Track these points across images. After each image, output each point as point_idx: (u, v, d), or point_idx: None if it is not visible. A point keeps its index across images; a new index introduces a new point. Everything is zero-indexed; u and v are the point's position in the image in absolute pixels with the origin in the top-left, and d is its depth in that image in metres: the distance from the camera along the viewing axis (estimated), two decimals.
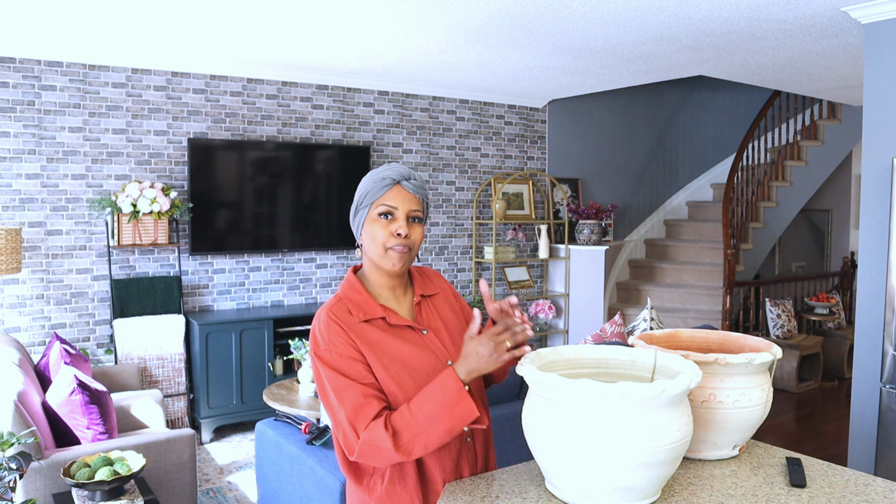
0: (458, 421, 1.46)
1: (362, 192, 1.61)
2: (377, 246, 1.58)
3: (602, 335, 3.64)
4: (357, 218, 1.62)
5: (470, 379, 1.48)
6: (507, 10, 3.65)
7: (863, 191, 3.59)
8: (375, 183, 1.59)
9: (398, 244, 1.57)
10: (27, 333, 4.54)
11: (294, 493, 2.85)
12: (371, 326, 1.58)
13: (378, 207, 1.58)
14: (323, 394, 1.57)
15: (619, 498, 1.43)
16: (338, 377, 1.52)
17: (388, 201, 1.57)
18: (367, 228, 1.59)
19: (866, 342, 3.56)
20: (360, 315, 1.58)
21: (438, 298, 1.73)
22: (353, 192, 1.73)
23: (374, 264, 1.63)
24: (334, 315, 1.56)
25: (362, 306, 1.59)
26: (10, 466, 2.23)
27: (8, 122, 4.42)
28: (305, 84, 5.42)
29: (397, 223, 1.57)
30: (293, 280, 5.48)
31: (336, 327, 1.55)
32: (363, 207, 1.60)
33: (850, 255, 7.42)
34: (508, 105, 6.43)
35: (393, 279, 1.65)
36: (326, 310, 1.58)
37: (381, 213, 1.57)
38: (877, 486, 1.56)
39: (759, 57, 4.66)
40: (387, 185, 1.58)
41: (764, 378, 1.75)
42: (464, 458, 1.67)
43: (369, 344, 1.56)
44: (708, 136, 7.82)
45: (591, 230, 6.34)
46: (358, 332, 1.56)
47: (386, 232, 1.57)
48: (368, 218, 1.59)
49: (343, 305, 1.59)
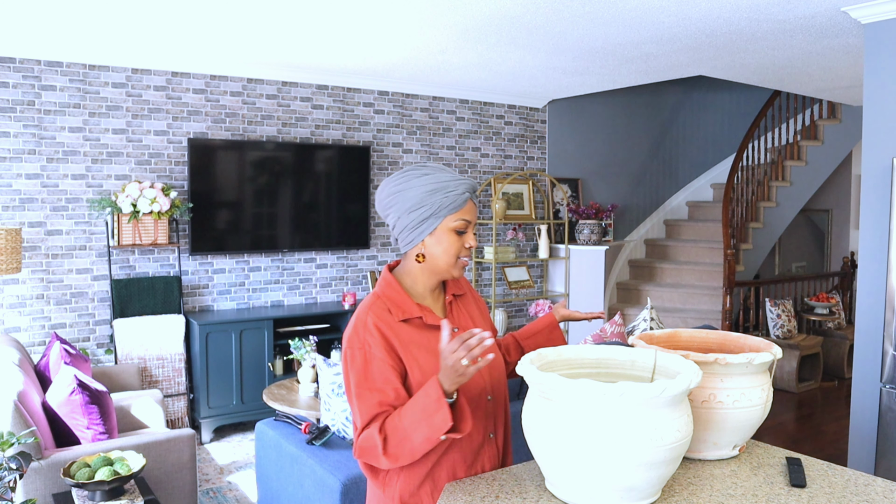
0: (435, 429, 1.47)
1: (439, 201, 1.59)
2: (448, 256, 1.63)
3: (602, 335, 3.64)
4: (425, 225, 1.61)
5: (453, 389, 1.48)
6: (507, 10, 3.65)
7: (863, 191, 3.59)
8: (454, 196, 1.60)
9: (467, 255, 1.67)
10: (27, 333, 4.54)
11: (294, 493, 2.85)
12: (408, 326, 1.63)
13: (456, 222, 1.62)
14: (346, 386, 1.61)
15: (620, 498, 1.43)
16: (362, 377, 1.57)
17: (465, 216, 1.62)
18: (439, 239, 1.62)
19: (866, 342, 3.56)
20: (399, 314, 1.62)
21: (466, 298, 1.80)
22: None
23: (433, 270, 1.67)
24: (375, 315, 1.61)
25: (401, 306, 1.63)
26: (10, 466, 2.23)
27: (8, 122, 4.42)
28: (305, 84, 5.42)
29: (469, 236, 1.65)
30: (293, 280, 5.48)
31: (375, 328, 1.59)
32: (436, 217, 1.60)
33: (850, 255, 7.42)
34: (508, 105, 6.43)
35: (439, 282, 1.71)
36: (367, 308, 1.62)
37: (459, 228, 1.62)
38: (877, 486, 1.56)
39: (759, 57, 4.66)
40: (465, 200, 1.61)
41: (764, 378, 1.75)
42: (486, 453, 1.71)
43: (405, 343, 1.60)
44: (708, 136, 7.82)
45: (591, 230, 6.34)
46: (396, 331, 1.60)
47: (459, 244, 1.63)
48: (442, 228, 1.61)
49: (383, 304, 1.63)
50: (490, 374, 1.73)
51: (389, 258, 5.90)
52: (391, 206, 1.64)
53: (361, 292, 5.76)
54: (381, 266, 5.86)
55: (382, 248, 5.86)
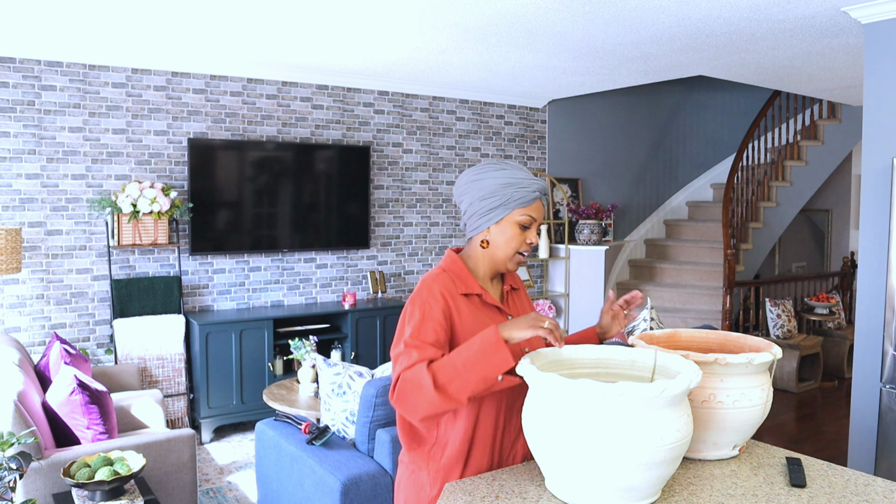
0: (493, 368, 1.53)
1: (510, 194, 1.70)
2: (509, 248, 1.74)
3: None
4: (493, 214, 1.72)
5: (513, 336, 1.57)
6: (507, 10, 3.65)
7: (863, 191, 3.59)
8: (525, 191, 1.71)
9: (526, 251, 1.76)
10: (27, 333, 4.54)
11: (294, 493, 2.85)
12: (468, 301, 1.73)
13: (522, 216, 1.72)
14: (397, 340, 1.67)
15: (620, 498, 1.43)
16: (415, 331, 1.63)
17: (532, 213, 1.73)
18: (503, 228, 1.73)
19: (866, 342, 3.56)
20: (462, 288, 1.72)
21: (520, 294, 1.91)
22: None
23: (492, 259, 1.77)
24: (441, 283, 1.70)
25: (465, 281, 1.74)
26: (10, 466, 2.23)
27: (8, 122, 4.42)
28: (305, 84, 5.42)
29: (532, 232, 1.74)
30: (293, 280, 5.48)
31: (440, 294, 1.68)
32: (507, 207, 1.71)
33: (850, 255, 7.41)
34: (508, 105, 6.43)
35: (496, 272, 1.81)
36: (434, 277, 1.73)
37: (524, 223, 1.73)
38: (877, 486, 1.56)
39: (759, 57, 4.66)
40: (535, 198, 1.72)
41: (764, 378, 1.75)
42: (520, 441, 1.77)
43: (463, 315, 1.69)
44: (708, 136, 7.82)
45: (591, 230, 6.34)
46: (456, 302, 1.70)
47: (521, 239, 1.74)
48: (508, 220, 1.72)
49: (448, 277, 1.73)
50: None
51: (389, 258, 5.90)
52: (466, 193, 1.75)
53: (361, 292, 5.76)
54: (381, 266, 5.86)
55: (382, 248, 5.86)
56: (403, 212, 5.95)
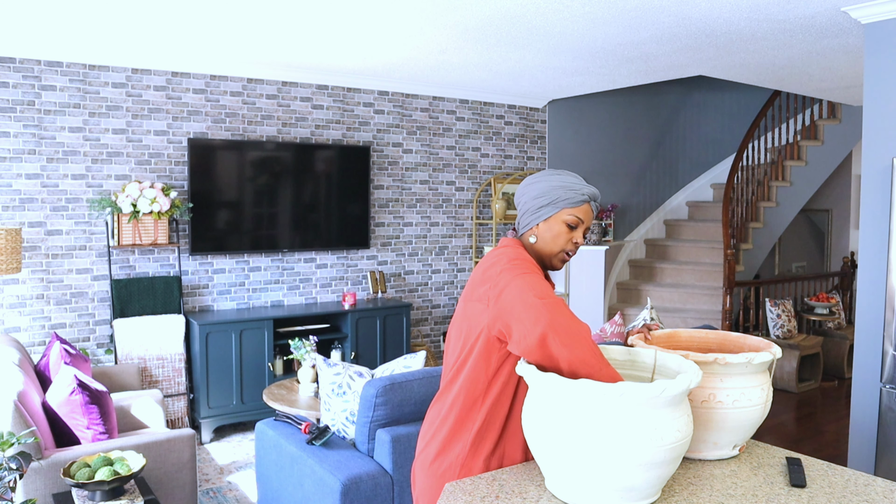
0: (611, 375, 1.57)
1: (561, 194, 1.79)
2: (556, 246, 1.81)
3: (602, 335, 3.64)
4: (543, 211, 1.80)
5: None
6: (507, 10, 3.65)
7: (863, 191, 3.59)
8: (575, 193, 1.79)
9: (572, 251, 1.82)
10: (27, 333, 4.54)
11: (294, 493, 2.85)
12: None
13: (570, 216, 1.79)
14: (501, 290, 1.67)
15: (620, 498, 1.43)
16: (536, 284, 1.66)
17: (580, 214, 1.80)
18: (552, 226, 1.80)
19: (866, 342, 3.56)
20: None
21: None
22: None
23: (539, 254, 1.83)
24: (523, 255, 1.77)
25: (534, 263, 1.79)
26: (10, 466, 2.24)
27: (8, 122, 4.42)
28: (305, 84, 5.42)
29: (578, 234, 1.81)
30: (293, 280, 5.48)
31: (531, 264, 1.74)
32: (554, 206, 1.79)
33: (850, 255, 7.41)
34: (508, 105, 6.43)
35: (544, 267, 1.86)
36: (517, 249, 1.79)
37: (571, 222, 1.79)
38: (877, 486, 1.56)
39: (759, 57, 4.66)
40: (584, 201, 1.80)
41: (763, 378, 1.75)
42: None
43: None
44: (708, 136, 7.82)
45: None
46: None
47: (567, 238, 1.80)
48: (556, 218, 1.79)
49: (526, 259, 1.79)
50: None
51: (389, 258, 5.90)
52: (523, 195, 1.85)
53: (361, 292, 5.76)
54: (381, 266, 5.86)
55: (382, 248, 5.86)
56: (403, 212, 5.95)
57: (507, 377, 1.72)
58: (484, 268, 1.75)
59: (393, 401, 2.76)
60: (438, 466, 1.77)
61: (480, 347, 1.72)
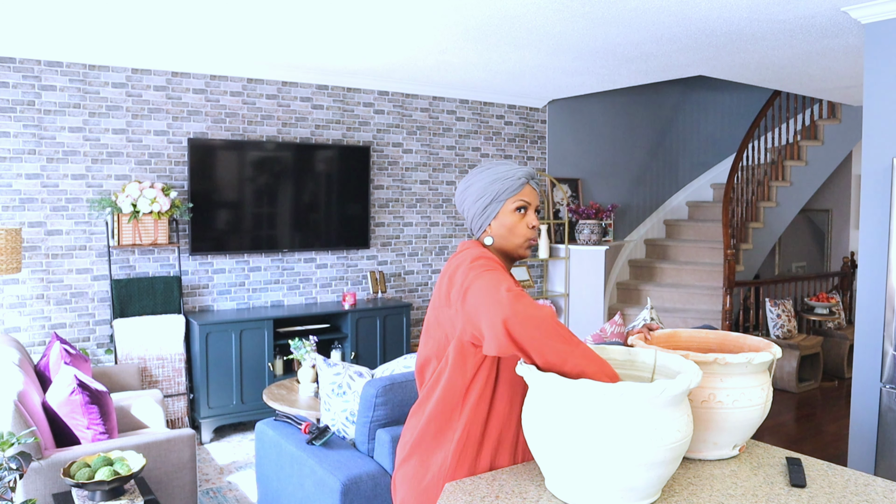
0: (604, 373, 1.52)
1: (498, 188, 1.77)
2: (516, 237, 1.79)
3: (602, 335, 3.64)
4: (489, 210, 1.79)
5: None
6: (507, 10, 3.65)
7: (863, 191, 3.59)
8: (511, 181, 1.78)
9: (531, 235, 1.81)
10: (27, 333, 4.54)
11: (294, 493, 2.85)
12: None
13: (515, 203, 1.78)
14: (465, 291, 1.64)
15: (620, 498, 1.43)
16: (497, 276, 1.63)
17: (524, 197, 1.79)
18: (503, 220, 1.79)
19: (866, 342, 3.56)
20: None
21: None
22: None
23: (502, 251, 1.82)
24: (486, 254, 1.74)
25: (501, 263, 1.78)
26: (10, 466, 2.23)
27: (8, 122, 4.42)
28: (305, 84, 5.42)
29: (531, 217, 1.80)
30: (293, 280, 5.48)
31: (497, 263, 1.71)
32: (497, 202, 1.78)
33: (850, 255, 7.41)
34: (508, 105, 6.43)
35: (512, 261, 1.86)
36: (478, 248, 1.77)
37: (518, 208, 1.78)
38: (877, 486, 1.56)
39: (759, 57, 4.66)
40: (522, 184, 1.78)
41: (763, 378, 1.75)
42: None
43: None
44: (708, 136, 7.82)
45: (591, 230, 6.34)
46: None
47: (523, 224, 1.79)
48: (504, 211, 1.78)
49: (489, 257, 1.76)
50: None
51: (389, 258, 5.90)
52: (464, 201, 1.83)
53: (361, 292, 5.76)
54: (381, 266, 5.86)
55: (382, 248, 5.86)
56: (403, 212, 5.95)
57: (483, 383, 1.70)
58: (449, 273, 1.72)
59: (393, 401, 2.76)
60: (420, 479, 1.74)
61: (455, 355, 1.69)
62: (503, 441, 1.73)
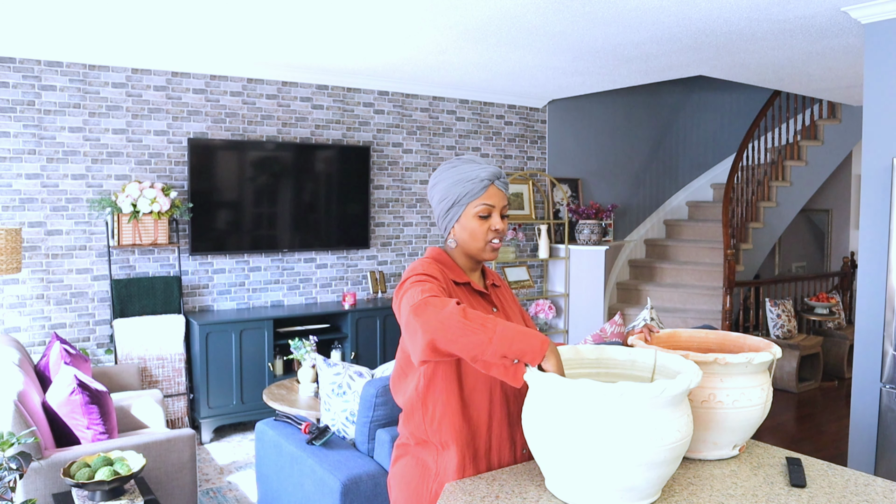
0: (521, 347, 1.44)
1: (459, 191, 1.71)
2: (477, 241, 1.74)
3: (602, 335, 3.64)
4: (451, 214, 1.74)
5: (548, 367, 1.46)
6: (507, 10, 3.65)
7: (863, 191, 3.59)
8: (473, 184, 1.71)
9: (496, 238, 1.74)
10: (27, 333, 4.54)
11: (294, 493, 2.85)
12: (457, 288, 1.75)
13: (477, 207, 1.72)
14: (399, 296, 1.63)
15: (620, 498, 1.43)
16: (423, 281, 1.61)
17: (486, 201, 1.72)
18: (465, 224, 1.74)
19: (866, 342, 3.56)
20: (450, 275, 1.75)
21: (502, 290, 1.92)
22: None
23: (466, 254, 1.78)
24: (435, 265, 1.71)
25: (453, 270, 1.77)
26: (10, 466, 2.24)
27: (8, 122, 4.42)
28: (305, 84, 5.42)
29: (494, 220, 1.73)
30: (293, 280, 5.48)
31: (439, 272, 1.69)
32: (459, 206, 1.73)
33: (850, 255, 7.41)
34: (508, 105, 6.43)
35: (477, 265, 1.83)
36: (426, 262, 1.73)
37: (481, 213, 1.72)
38: (877, 486, 1.56)
39: (759, 57, 4.66)
40: (484, 187, 1.71)
41: (763, 378, 1.75)
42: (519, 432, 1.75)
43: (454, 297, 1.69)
44: (708, 136, 7.82)
45: (591, 230, 6.34)
46: (449, 286, 1.71)
47: (485, 228, 1.73)
48: (466, 215, 1.73)
49: (437, 265, 1.74)
50: None
51: (389, 258, 5.90)
52: (431, 200, 1.79)
53: (361, 292, 5.76)
54: (381, 266, 5.86)
55: (382, 248, 5.86)
56: (403, 212, 5.95)
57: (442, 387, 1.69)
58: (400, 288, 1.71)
59: (393, 401, 2.76)
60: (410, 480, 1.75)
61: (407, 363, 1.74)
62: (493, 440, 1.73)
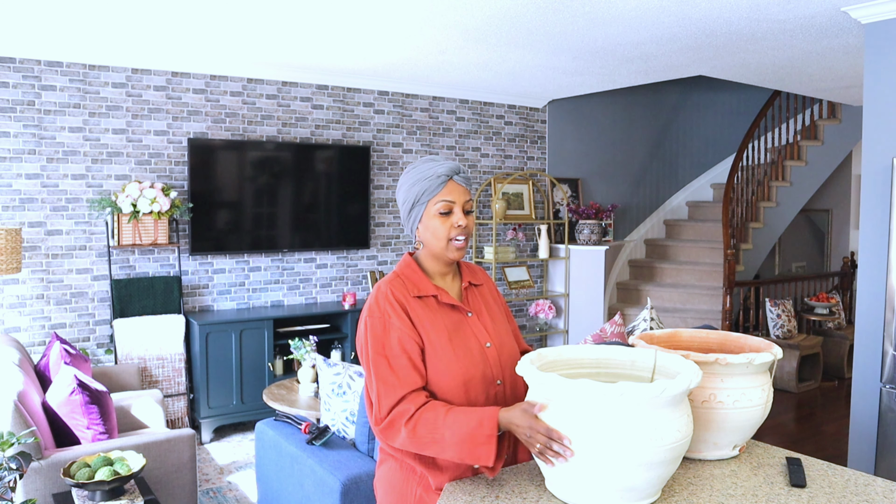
0: (473, 458, 1.53)
1: (418, 190, 1.69)
2: (439, 240, 1.70)
3: (602, 335, 3.64)
4: (413, 214, 1.72)
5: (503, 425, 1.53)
6: (507, 10, 3.65)
7: (863, 191, 3.59)
8: (430, 181, 1.68)
9: (459, 235, 1.70)
10: (27, 333, 4.54)
11: (294, 493, 2.85)
12: (422, 303, 1.71)
13: (437, 204, 1.69)
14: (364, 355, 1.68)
15: (620, 498, 1.43)
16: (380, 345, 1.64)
17: (445, 197, 1.68)
18: (427, 223, 1.71)
19: (866, 342, 3.56)
20: (413, 290, 1.71)
21: (483, 289, 1.88)
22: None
23: (432, 255, 1.75)
24: (393, 287, 1.70)
25: (417, 283, 1.73)
26: (10, 466, 2.23)
27: (8, 122, 4.42)
28: (305, 84, 5.42)
29: (456, 217, 1.69)
30: (293, 280, 5.48)
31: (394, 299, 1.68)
32: (420, 205, 1.70)
33: (850, 255, 7.41)
34: (508, 105, 6.43)
35: (448, 266, 1.78)
36: (387, 282, 1.70)
37: (442, 209, 1.68)
38: (877, 486, 1.56)
39: (759, 57, 4.66)
40: (442, 183, 1.68)
41: (764, 378, 1.75)
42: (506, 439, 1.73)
43: (420, 318, 1.67)
44: (708, 136, 7.82)
45: (591, 230, 6.34)
46: (412, 305, 1.69)
47: (447, 226, 1.69)
48: (427, 214, 1.70)
49: (400, 281, 1.73)
50: (500, 359, 1.74)
51: (389, 258, 5.90)
52: (398, 205, 1.77)
53: (361, 292, 5.76)
54: (381, 266, 5.86)
55: (382, 248, 5.86)
56: None
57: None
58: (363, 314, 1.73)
59: None
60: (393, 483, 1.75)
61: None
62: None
